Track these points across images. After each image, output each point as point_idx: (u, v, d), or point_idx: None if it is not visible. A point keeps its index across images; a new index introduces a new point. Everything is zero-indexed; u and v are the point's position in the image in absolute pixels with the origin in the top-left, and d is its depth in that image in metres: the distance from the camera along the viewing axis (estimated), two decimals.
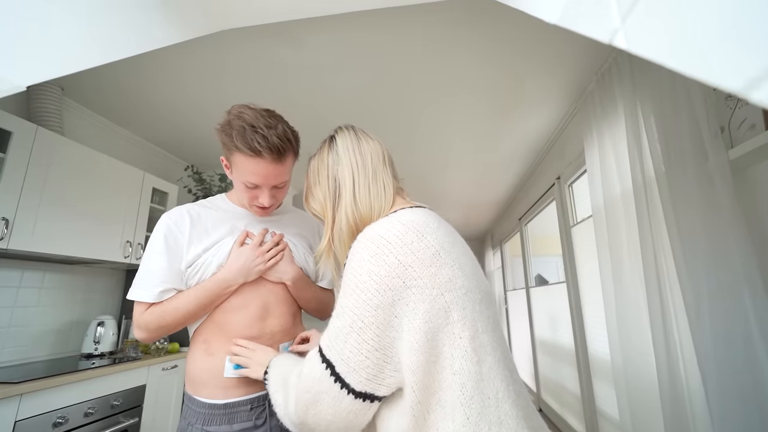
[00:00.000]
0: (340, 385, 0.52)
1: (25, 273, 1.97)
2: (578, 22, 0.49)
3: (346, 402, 0.52)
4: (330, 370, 0.53)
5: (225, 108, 0.84)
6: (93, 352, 2.06)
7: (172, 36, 1.08)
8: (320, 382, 0.54)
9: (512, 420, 0.48)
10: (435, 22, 1.57)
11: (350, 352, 0.52)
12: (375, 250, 0.53)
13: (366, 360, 0.51)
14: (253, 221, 0.94)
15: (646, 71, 1.42)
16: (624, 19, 0.37)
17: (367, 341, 0.51)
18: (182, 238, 0.85)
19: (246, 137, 0.76)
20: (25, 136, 1.72)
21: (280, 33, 1.63)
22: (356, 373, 0.52)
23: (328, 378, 0.53)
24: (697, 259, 1.16)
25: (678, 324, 1.27)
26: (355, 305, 0.52)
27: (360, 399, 0.52)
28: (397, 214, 0.60)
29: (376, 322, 0.51)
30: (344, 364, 0.52)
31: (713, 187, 1.13)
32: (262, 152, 0.76)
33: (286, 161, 0.83)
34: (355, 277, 0.54)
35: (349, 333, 0.52)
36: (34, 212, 1.74)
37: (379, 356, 0.51)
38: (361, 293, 0.52)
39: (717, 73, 0.26)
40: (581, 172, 2.36)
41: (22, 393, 1.41)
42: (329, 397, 0.53)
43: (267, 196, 0.84)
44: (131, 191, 2.29)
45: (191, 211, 0.89)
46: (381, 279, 0.51)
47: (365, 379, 0.52)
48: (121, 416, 1.81)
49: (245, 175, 0.81)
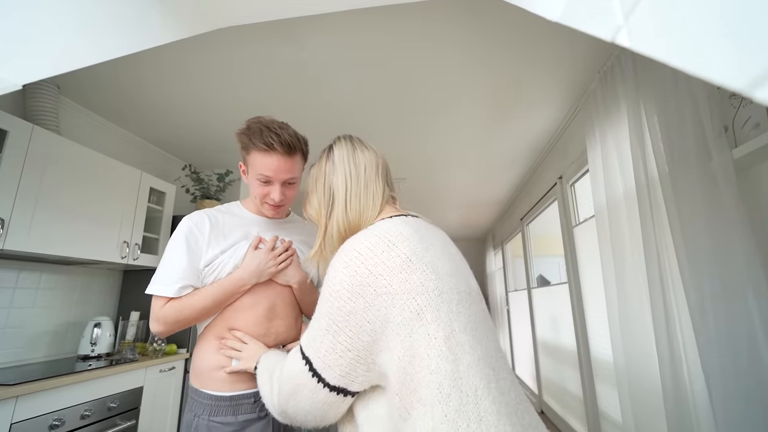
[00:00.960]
0: (317, 380, 0.59)
1: (21, 274, 1.97)
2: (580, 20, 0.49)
3: (322, 394, 0.59)
4: (308, 365, 0.60)
5: (224, 107, 0.88)
6: (90, 354, 2.06)
7: (170, 34, 1.08)
8: (300, 375, 0.61)
9: (492, 416, 0.49)
10: (436, 20, 1.57)
11: (325, 351, 0.59)
12: (347, 262, 0.59)
13: (340, 359, 0.57)
14: (265, 228, 1.03)
15: (649, 69, 1.42)
16: (627, 17, 0.37)
17: (341, 342, 0.57)
18: (202, 240, 0.94)
19: (262, 135, 0.89)
20: (21, 135, 1.72)
21: (280, 32, 1.63)
22: (331, 369, 0.58)
23: (306, 372, 0.60)
24: (700, 259, 1.16)
25: (681, 325, 1.27)
26: (329, 311, 0.59)
27: (335, 392, 0.59)
28: (375, 225, 0.65)
29: (349, 326, 0.57)
30: (320, 361, 0.59)
31: (717, 187, 1.13)
32: (275, 146, 0.89)
33: (296, 158, 0.94)
34: (330, 285, 0.60)
35: (325, 335, 0.59)
36: (30, 212, 1.74)
37: (352, 356, 0.57)
38: (334, 300, 0.58)
39: (721, 71, 0.26)
40: (583, 172, 2.36)
41: (18, 395, 1.41)
42: (307, 389, 0.60)
43: (278, 191, 0.94)
44: (128, 191, 2.29)
45: (211, 215, 0.99)
46: (353, 287, 0.57)
47: (339, 375, 0.58)
48: (118, 418, 1.81)
49: (259, 169, 0.91)
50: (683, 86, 1.25)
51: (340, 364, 0.57)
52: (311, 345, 0.61)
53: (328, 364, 0.58)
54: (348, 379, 0.58)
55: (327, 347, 0.58)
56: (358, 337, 0.56)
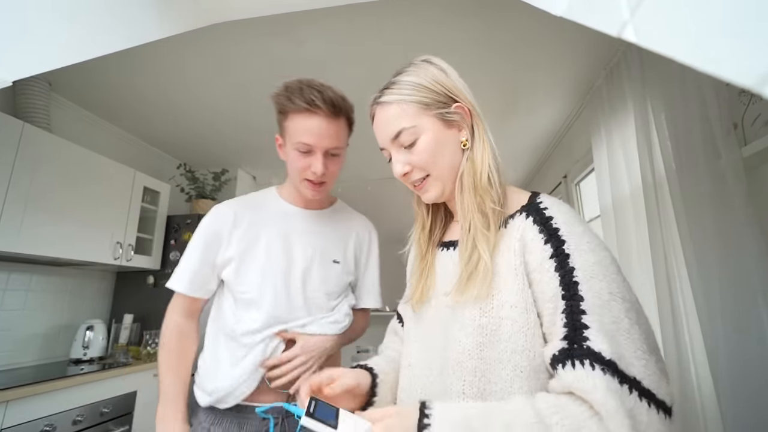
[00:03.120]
0: (649, 404, 0.41)
1: (11, 275, 1.97)
2: (585, 15, 0.49)
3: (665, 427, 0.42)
4: (633, 387, 0.41)
5: (219, 103, 0.86)
6: (82, 358, 2.06)
7: (164, 29, 1.08)
8: (628, 408, 0.40)
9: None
10: (438, 14, 1.57)
11: (636, 352, 0.44)
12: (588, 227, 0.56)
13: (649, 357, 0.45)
14: (301, 222, 0.96)
15: (656, 66, 1.42)
16: (633, 12, 0.37)
17: (641, 331, 0.47)
18: (221, 237, 0.91)
19: (303, 93, 0.80)
20: (11, 132, 1.72)
21: (277, 28, 1.63)
22: (660, 382, 0.44)
23: (635, 400, 0.41)
24: (708, 260, 1.16)
25: (689, 326, 1.26)
26: (620, 289, 0.48)
27: (666, 415, 0.43)
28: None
29: (638, 307, 0.50)
30: (644, 373, 0.43)
31: (726, 186, 1.13)
32: (318, 103, 0.80)
33: (340, 122, 0.85)
34: (597, 253, 0.50)
35: (631, 326, 0.45)
36: (20, 212, 1.74)
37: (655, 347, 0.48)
38: (616, 274, 0.49)
39: (730, 67, 0.26)
40: (589, 171, 2.36)
41: (8, 400, 1.41)
42: (645, 425, 0.40)
43: (320, 162, 0.84)
44: (122, 190, 2.29)
45: (237, 209, 0.94)
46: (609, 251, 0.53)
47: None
48: (110, 424, 1.81)
49: (299, 135, 0.82)
50: (691, 83, 1.25)
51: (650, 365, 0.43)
52: (622, 352, 0.42)
53: (653, 377, 0.42)
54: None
55: (637, 346, 0.43)
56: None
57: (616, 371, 0.41)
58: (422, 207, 0.72)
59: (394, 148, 0.63)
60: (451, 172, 0.62)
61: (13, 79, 0.68)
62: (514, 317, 0.51)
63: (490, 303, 0.53)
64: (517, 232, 0.55)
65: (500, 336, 0.51)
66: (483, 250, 0.54)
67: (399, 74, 0.65)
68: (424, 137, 0.60)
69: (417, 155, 0.60)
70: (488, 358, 0.51)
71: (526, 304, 0.51)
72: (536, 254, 0.52)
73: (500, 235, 0.57)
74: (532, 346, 0.50)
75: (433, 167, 0.61)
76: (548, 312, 0.49)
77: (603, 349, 0.42)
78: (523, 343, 0.50)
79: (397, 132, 0.60)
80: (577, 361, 0.42)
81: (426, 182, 0.63)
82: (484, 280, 0.53)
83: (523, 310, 0.51)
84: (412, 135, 0.60)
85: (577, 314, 0.45)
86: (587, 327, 0.44)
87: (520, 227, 0.55)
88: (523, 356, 0.50)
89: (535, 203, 0.57)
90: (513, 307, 0.51)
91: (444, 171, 0.61)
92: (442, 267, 0.65)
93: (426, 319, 0.64)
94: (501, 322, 0.51)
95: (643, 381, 0.41)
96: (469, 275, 0.55)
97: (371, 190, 3.47)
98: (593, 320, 0.44)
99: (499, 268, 0.54)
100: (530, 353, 0.50)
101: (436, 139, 0.60)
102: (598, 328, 0.43)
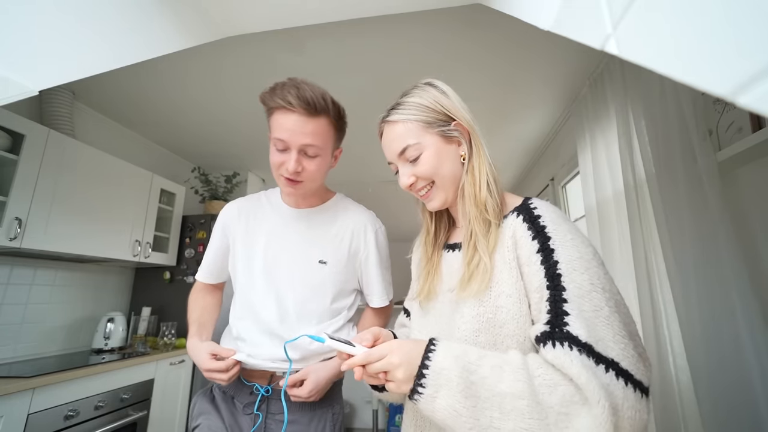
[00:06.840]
0: (630, 386, 0.42)
1: (37, 271, 1.97)
2: (571, 29, 0.49)
3: (645, 408, 0.43)
4: (614, 369, 0.42)
5: (229, 110, 0.86)
6: (103, 348, 2.06)
7: (180, 42, 1.08)
8: (609, 392, 0.41)
9: None
10: (432, 29, 1.57)
11: (614, 337, 0.46)
12: (575, 225, 0.57)
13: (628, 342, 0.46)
14: (289, 219, 0.93)
15: (637, 76, 1.42)
16: (615, 26, 0.37)
17: (623, 320, 0.48)
18: (228, 231, 0.97)
19: (283, 91, 0.76)
20: (37, 138, 1.72)
21: (281, 38, 1.63)
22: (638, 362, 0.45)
23: (615, 382, 0.42)
24: (686, 257, 1.16)
25: (668, 319, 1.26)
26: (602, 281, 0.49)
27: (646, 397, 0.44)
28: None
29: (617, 297, 0.51)
30: (622, 355, 0.44)
31: (702, 189, 1.13)
32: (293, 102, 0.75)
33: (319, 120, 0.78)
34: (579, 249, 0.51)
35: (611, 314, 0.46)
36: (46, 212, 1.74)
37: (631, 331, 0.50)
38: (599, 268, 0.50)
39: (705, 78, 0.26)
40: (574, 174, 2.36)
41: (34, 387, 1.41)
42: (628, 407, 0.41)
43: (293, 159, 0.77)
44: (140, 192, 2.29)
45: (242, 205, 0.99)
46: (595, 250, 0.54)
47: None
48: (130, 409, 1.81)
49: (276, 131, 0.78)
50: (670, 92, 1.25)
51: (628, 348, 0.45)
52: (600, 336, 0.44)
53: (632, 360, 0.43)
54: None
55: (616, 331, 0.44)
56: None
57: (592, 352, 0.43)
58: (427, 215, 0.74)
59: (400, 162, 0.65)
60: (453, 181, 0.64)
61: (39, 88, 0.68)
62: (508, 306, 0.53)
63: (488, 294, 0.55)
64: (509, 229, 0.58)
65: (495, 322, 0.54)
66: (483, 253, 0.57)
67: (405, 95, 0.67)
68: (427, 152, 0.62)
69: (421, 167, 0.63)
70: (483, 343, 0.54)
71: (519, 295, 0.53)
72: (525, 249, 0.54)
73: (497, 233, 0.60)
74: (522, 332, 0.52)
75: (436, 176, 0.63)
76: (535, 300, 0.51)
77: (580, 334, 0.44)
78: (514, 328, 0.53)
79: (402, 148, 0.63)
80: (557, 341, 0.45)
81: (431, 191, 0.65)
82: (483, 277, 0.56)
83: (516, 300, 0.53)
84: (416, 150, 0.62)
85: (560, 302, 0.47)
86: (567, 314, 0.46)
87: (512, 225, 0.58)
88: (514, 340, 0.52)
89: (526, 204, 0.60)
90: (508, 297, 0.54)
91: (446, 180, 0.63)
92: (448, 267, 0.67)
93: (432, 313, 0.66)
94: (497, 310, 0.54)
95: (621, 362, 0.43)
96: (471, 274, 0.57)
97: (372, 192, 3.47)
98: (573, 308, 0.46)
99: (496, 263, 0.56)
100: (520, 338, 0.52)
101: (438, 153, 0.62)
102: (578, 315, 0.45)
